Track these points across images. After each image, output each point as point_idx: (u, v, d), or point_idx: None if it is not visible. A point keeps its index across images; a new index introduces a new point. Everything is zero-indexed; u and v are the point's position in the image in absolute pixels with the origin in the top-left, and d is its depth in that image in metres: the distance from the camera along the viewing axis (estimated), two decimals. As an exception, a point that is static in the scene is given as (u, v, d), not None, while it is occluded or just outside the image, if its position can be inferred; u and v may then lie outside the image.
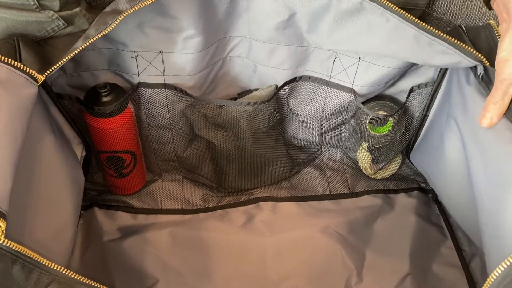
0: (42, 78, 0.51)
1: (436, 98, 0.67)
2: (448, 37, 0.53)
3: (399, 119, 0.71)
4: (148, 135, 0.72)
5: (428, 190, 0.81)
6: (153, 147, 0.75)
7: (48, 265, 0.42)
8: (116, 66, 0.64)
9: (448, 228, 0.76)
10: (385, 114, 0.70)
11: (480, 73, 0.53)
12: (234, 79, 0.72)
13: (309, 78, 0.70)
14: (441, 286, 0.69)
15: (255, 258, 0.71)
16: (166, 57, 0.63)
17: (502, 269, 0.39)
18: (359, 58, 0.65)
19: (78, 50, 0.52)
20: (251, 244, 0.73)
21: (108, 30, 0.52)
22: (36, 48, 0.55)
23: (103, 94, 0.63)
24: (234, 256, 0.71)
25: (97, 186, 0.76)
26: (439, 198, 0.75)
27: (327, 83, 0.70)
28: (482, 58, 0.53)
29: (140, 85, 0.66)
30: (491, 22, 0.56)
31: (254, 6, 0.61)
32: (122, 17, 0.52)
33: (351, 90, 0.69)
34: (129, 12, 0.52)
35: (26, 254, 0.41)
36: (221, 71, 0.70)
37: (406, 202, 0.79)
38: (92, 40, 0.52)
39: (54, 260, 0.43)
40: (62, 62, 0.52)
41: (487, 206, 0.48)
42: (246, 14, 0.62)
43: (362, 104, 0.70)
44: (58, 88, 0.63)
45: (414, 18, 0.53)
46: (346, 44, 0.62)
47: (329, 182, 0.82)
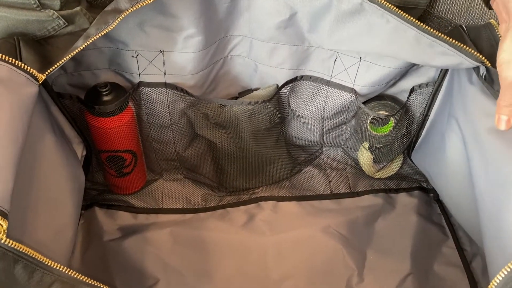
0: (42, 77, 0.51)
1: (437, 98, 0.67)
2: (448, 38, 0.53)
3: (400, 119, 0.71)
4: (148, 135, 0.72)
5: (429, 189, 0.81)
6: (153, 147, 0.74)
7: (50, 265, 0.42)
8: (116, 65, 0.64)
9: (449, 227, 0.76)
10: (386, 114, 0.70)
11: (483, 73, 0.53)
12: (235, 79, 0.71)
13: (310, 78, 0.70)
14: (442, 286, 0.69)
15: (256, 258, 0.71)
16: (167, 56, 0.63)
17: (502, 275, 0.39)
18: (360, 58, 0.65)
19: (79, 49, 0.52)
20: (252, 243, 0.73)
21: (108, 29, 0.52)
22: (36, 47, 0.54)
23: (104, 93, 0.62)
24: (234, 255, 0.71)
25: (97, 185, 0.76)
26: (440, 197, 0.75)
27: (328, 83, 0.70)
28: (483, 59, 0.52)
29: (140, 84, 0.66)
30: (492, 21, 0.56)
31: (255, 5, 0.60)
32: (122, 16, 0.52)
33: (352, 90, 0.69)
34: (129, 11, 0.52)
35: (28, 253, 0.41)
36: (222, 71, 0.69)
37: (407, 202, 0.79)
38: (92, 39, 0.52)
39: (55, 259, 0.43)
40: (63, 61, 0.52)
41: (488, 207, 0.48)
42: (247, 13, 0.62)
43: (363, 104, 0.70)
44: (59, 87, 0.63)
45: (414, 20, 0.53)
46: (346, 44, 0.62)
47: (330, 182, 0.82)
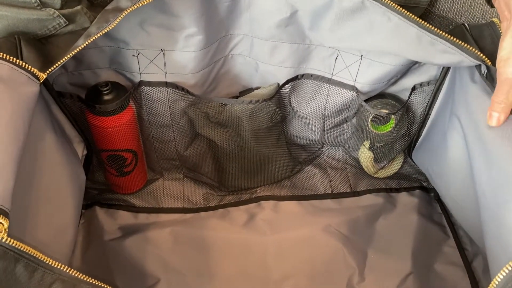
0: (43, 76, 0.51)
1: (438, 96, 0.67)
2: (450, 36, 0.53)
3: (402, 118, 0.71)
4: (149, 134, 0.72)
5: (430, 189, 0.80)
6: (154, 146, 0.74)
7: (51, 264, 0.42)
8: (117, 65, 0.64)
9: (450, 227, 0.76)
10: (387, 112, 0.70)
11: (484, 71, 0.53)
12: (236, 78, 0.71)
13: (311, 76, 0.70)
14: (443, 285, 0.69)
15: (257, 257, 0.71)
16: (168, 55, 0.63)
17: (504, 274, 0.39)
18: (362, 56, 0.65)
19: (80, 48, 0.52)
20: (253, 243, 0.73)
21: (109, 28, 0.52)
22: (37, 46, 0.54)
23: (105, 92, 0.62)
24: (235, 255, 0.71)
25: (98, 185, 0.76)
26: (441, 197, 0.75)
27: (329, 81, 0.70)
28: (484, 57, 0.52)
29: (141, 83, 0.65)
30: (495, 20, 0.56)
31: (255, 4, 0.60)
32: (123, 14, 0.52)
33: (354, 88, 0.69)
34: (130, 9, 0.52)
35: (30, 252, 0.41)
36: (222, 69, 0.69)
37: (408, 201, 0.79)
38: (93, 38, 0.52)
39: (56, 259, 0.43)
40: (64, 60, 0.52)
41: (490, 205, 0.48)
42: (247, 12, 0.62)
43: (364, 102, 0.70)
44: (60, 86, 0.63)
45: (416, 18, 0.53)
46: (348, 42, 0.61)
47: (330, 181, 0.82)
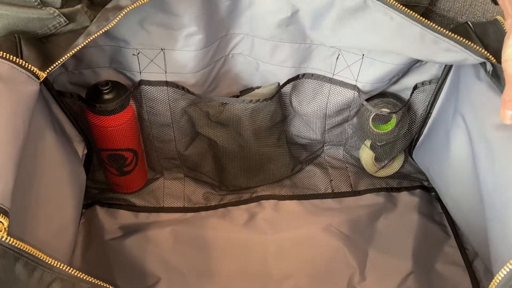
0: (43, 75, 0.51)
1: (440, 95, 0.67)
2: (453, 34, 0.53)
3: (403, 117, 0.71)
4: (149, 133, 0.72)
5: (430, 188, 0.80)
6: (154, 145, 0.74)
7: (51, 263, 0.42)
8: (117, 64, 0.64)
9: (451, 226, 0.75)
10: (388, 111, 0.69)
11: (489, 69, 0.53)
12: (236, 77, 0.71)
13: (312, 76, 0.70)
14: (444, 285, 0.69)
15: (257, 257, 0.71)
16: (168, 54, 0.63)
17: (507, 269, 0.39)
18: (363, 55, 0.65)
19: (80, 46, 0.51)
20: (253, 242, 0.73)
21: (109, 26, 0.52)
22: (37, 45, 0.54)
23: (105, 91, 0.62)
24: (236, 254, 0.71)
25: (98, 184, 0.76)
26: (440, 197, 0.74)
27: (331, 80, 0.70)
28: (488, 55, 0.52)
29: (141, 82, 0.65)
30: (499, 17, 0.55)
31: (256, 3, 0.60)
32: (123, 13, 0.51)
33: (355, 87, 0.68)
34: (130, 8, 0.52)
35: (29, 251, 0.41)
36: (223, 69, 0.69)
37: (408, 201, 0.79)
38: (93, 36, 0.52)
39: (56, 258, 0.43)
40: (64, 59, 0.52)
41: (495, 204, 0.48)
42: (248, 11, 0.62)
43: (365, 101, 0.70)
44: (60, 85, 0.63)
45: (419, 16, 0.53)
46: (349, 41, 0.61)
47: (331, 181, 0.82)
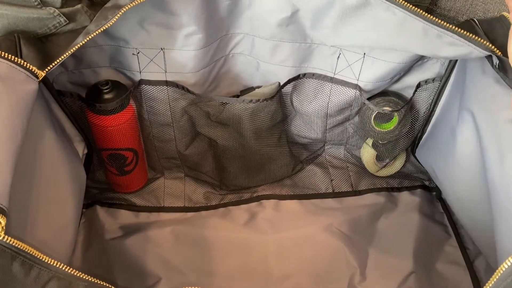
0: (42, 74, 0.51)
1: (443, 93, 0.67)
2: (457, 28, 0.52)
3: (405, 115, 0.70)
4: (150, 133, 0.72)
5: (431, 188, 0.80)
6: (155, 145, 0.74)
7: (47, 261, 0.42)
8: (117, 63, 0.64)
9: (452, 226, 0.75)
10: (390, 110, 0.69)
11: (496, 62, 0.52)
12: (237, 77, 0.71)
13: (313, 75, 0.70)
14: (444, 285, 0.69)
15: (258, 256, 0.71)
16: (168, 54, 0.63)
17: (509, 263, 0.39)
18: (364, 54, 0.65)
19: (79, 45, 0.51)
20: (254, 242, 0.73)
21: (108, 25, 0.52)
22: (37, 44, 0.54)
23: (105, 91, 0.62)
24: (236, 254, 0.71)
25: (99, 184, 0.76)
26: (444, 195, 0.74)
27: (332, 80, 0.69)
28: (493, 48, 0.52)
29: (141, 82, 0.65)
30: (505, 13, 0.55)
31: (256, 2, 0.60)
32: (122, 11, 0.51)
33: (356, 86, 0.68)
34: (128, 6, 0.51)
35: (26, 250, 0.41)
36: (223, 69, 0.69)
37: (409, 200, 0.79)
38: (92, 35, 0.52)
39: (56, 258, 0.43)
40: (63, 57, 0.52)
41: (502, 198, 0.47)
42: (248, 11, 0.62)
43: (367, 100, 0.70)
44: (60, 85, 0.63)
45: (421, 11, 0.53)
46: (351, 39, 0.61)
47: (332, 180, 0.81)
